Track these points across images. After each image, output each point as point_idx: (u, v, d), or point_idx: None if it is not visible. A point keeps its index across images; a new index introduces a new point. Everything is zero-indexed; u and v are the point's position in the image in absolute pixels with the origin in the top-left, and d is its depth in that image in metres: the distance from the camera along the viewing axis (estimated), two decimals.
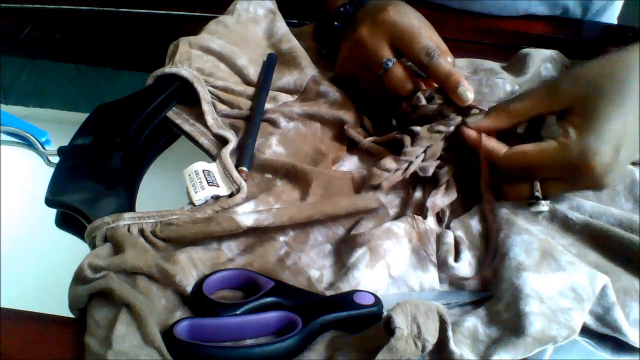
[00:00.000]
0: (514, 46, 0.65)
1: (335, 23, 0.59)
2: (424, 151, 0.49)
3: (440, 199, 0.48)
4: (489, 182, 0.48)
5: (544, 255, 0.43)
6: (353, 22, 0.57)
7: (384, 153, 0.52)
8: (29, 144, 0.54)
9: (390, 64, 0.52)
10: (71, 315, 0.41)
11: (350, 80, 0.57)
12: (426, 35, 0.52)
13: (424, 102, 0.51)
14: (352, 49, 0.56)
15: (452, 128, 0.49)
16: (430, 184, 0.50)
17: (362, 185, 0.50)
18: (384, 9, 0.53)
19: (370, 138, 0.53)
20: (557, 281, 0.41)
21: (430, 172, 0.49)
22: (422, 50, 0.51)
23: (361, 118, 0.56)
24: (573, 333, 0.38)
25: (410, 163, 0.49)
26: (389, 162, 0.49)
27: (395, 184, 0.49)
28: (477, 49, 0.67)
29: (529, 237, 0.44)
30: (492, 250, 0.44)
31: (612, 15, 0.78)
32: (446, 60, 0.51)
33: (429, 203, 0.48)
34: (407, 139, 0.50)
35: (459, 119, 0.50)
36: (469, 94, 0.49)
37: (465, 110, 0.50)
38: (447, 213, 0.49)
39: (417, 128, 0.50)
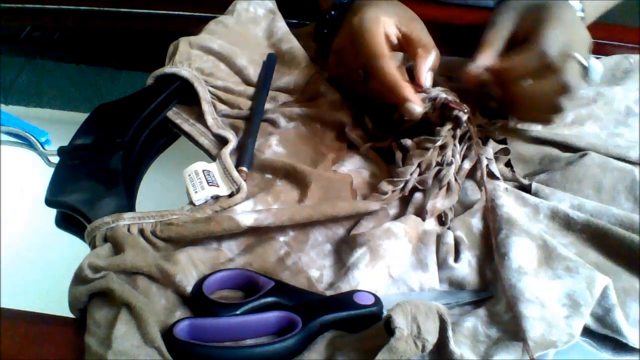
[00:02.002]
0: None
1: (325, 30, 0.59)
2: (418, 165, 0.49)
3: (441, 202, 0.48)
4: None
5: (540, 264, 0.43)
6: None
7: (380, 162, 0.52)
8: (29, 144, 0.54)
9: (363, 73, 0.52)
10: (71, 315, 0.41)
11: (345, 85, 0.57)
12: (379, 38, 0.51)
13: None
14: (335, 59, 0.56)
15: (439, 142, 0.49)
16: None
17: (362, 189, 0.50)
18: (352, 16, 0.53)
19: (368, 144, 0.53)
20: (554, 289, 0.41)
21: (430, 183, 0.49)
22: (367, 54, 0.50)
23: (362, 118, 0.56)
24: (573, 338, 0.38)
25: (407, 181, 0.49)
26: (384, 186, 0.49)
27: None
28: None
29: (529, 242, 0.44)
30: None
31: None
32: (393, 70, 0.50)
33: (429, 206, 0.48)
34: (399, 156, 0.51)
35: (445, 130, 0.50)
36: (416, 109, 0.49)
37: (451, 115, 0.50)
38: (449, 215, 0.48)
39: (408, 142, 0.50)
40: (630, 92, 0.59)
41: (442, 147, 0.50)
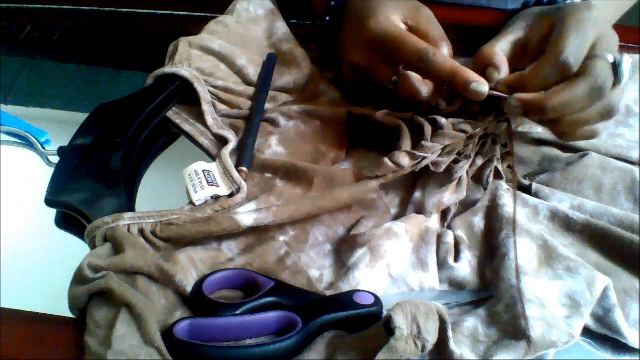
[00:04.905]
0: None
1: (328, 29, 0.58)
2: (443, 147, 0.47)
3: (448, 197, 0.47)
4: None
5: (541, 263, 0.43)
6: (339, 28, 0.56)
7: (400, 127, 0.49)
8: (29, 144, 0.54)
9: (395, 78, 0.50)
10: (71, 315, 0.41)
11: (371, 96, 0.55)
12: (412, 36, 0.49)
13: (444, 105, 0.50)
14: (353, 74, 0.54)
15: (478, 130, 0.47)
16: (431, 182, 0.49)
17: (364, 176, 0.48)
18: (363, 25, 0.51)
19: (385, 111, 0.51)
20: (555, 289, 0.41)
21: (443, 168, 0.47)
22: (414, 56, 0.48)
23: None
24: (573, 339, 0.38)
25: (424, 158, 0.47)
26: (402, 158, 0.46)
27: (396, 184, 0.49)
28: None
29: (529, 242, 0.44)
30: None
31: None
32: (445, 58, 0.48)
33: (435, 201, 0.47)
34: (428, 128, 0.48)
35: (488, 120, 0.48)
36: (483, 88, 0.46)
37: (489, 103, 0.48)
38: (452, 212, 0.48)
39: (443, 120, 0.48)
40: (630, 92, 0.59)
41: (468, 138, 0.48)
